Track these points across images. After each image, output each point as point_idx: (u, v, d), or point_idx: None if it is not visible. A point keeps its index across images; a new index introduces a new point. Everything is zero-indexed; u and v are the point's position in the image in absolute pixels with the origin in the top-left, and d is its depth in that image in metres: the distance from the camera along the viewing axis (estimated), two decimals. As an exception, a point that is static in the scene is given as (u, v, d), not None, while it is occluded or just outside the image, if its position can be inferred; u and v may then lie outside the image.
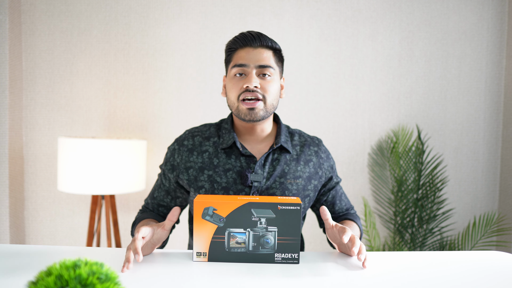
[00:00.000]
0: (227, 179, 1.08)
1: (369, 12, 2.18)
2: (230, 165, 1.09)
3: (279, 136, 1.13)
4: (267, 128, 1.14)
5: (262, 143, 1.14)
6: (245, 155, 1.10)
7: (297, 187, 1.10)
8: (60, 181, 1.81)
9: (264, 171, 1.09)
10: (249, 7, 2.14)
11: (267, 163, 1.10)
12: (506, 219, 2.17)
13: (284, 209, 0.88)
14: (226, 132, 1.13)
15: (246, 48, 1.08)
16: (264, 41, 1.08)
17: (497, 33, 2.21)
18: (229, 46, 1.11)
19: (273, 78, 1.09)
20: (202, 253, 0.89)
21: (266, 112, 1.08)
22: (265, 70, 1.07)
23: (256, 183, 1.07)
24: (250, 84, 1.04)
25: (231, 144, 1.10)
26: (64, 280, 0.49)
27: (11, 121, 2.02)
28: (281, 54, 1.13)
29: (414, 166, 2.14)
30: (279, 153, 1.13)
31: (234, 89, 1.08)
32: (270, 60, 1.08)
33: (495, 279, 0.83)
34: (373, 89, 2.20)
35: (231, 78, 1.09)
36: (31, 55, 2.11)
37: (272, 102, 1.08)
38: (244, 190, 1.07)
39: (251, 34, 1.08)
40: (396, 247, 2.15)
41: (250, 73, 1.06)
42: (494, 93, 2.24)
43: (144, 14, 2.12)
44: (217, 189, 1.08)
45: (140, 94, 2.14)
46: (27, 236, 2.16)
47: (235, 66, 1.08)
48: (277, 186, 1.09)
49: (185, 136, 1.16)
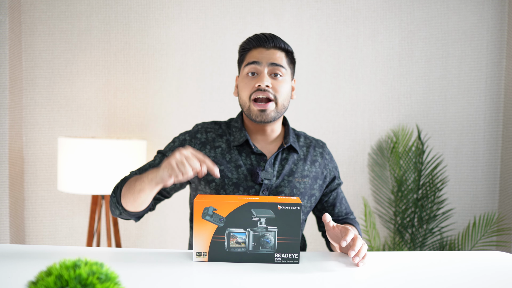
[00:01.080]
0: (238, 175, 1.10)
1: (369, 12, 2.18)
2: (241, 162, 1.11)
3: (288, 136, 1.16)
4: (277, 129, 1.17)
5: (272, 143, 1.16)
6: (256, 153, 1.12)
7: (304, 186, 1.13)
8: (60, 181, 1.81)
9: (274, 169, 1.11)
10: (249, 7, 2.14)
11: (276, 162, 1.12)
12: (506, 219, 2.17)
13: (284, 209, 0.88)
14: (237, 130, 1.15)
15: (259, 49, 1.10)
16: (277, 42, 1.11)
17: (497, 33, 2.21)
18: (243, 47, 1.14)
19: (285, 78, 1.10)
20: (202, 253, 0.89)
21: (277, 113, 1.10)
22: (277, 69, 1.08)
23: (267, 181, 1.09)
24: (262, 83, 1.06)
25: (242, 142, 1.12)
26: (64, 280, 0.49)
27: (11, 121, 2.02)
28: (293, 57, 1.16)
29: (414, 166, 2.14)
30: (288, 153, 1.15)
31: (246, 88, 1.09)
32: (283, 60, 1.10)
33: (495, 279, 0.83)
34: (373, 89, 2.20)
35: (244, 77, 1.11)
36: (31, 55, 2.11)
37: (283, 102, 1.10)
38: (254, 188, 1.09)
39: (264, 36, 1.11)
40: (396, 247, 2.15)
41: (262, 72, 1.08)
42: (494, 93, 2.24)
43: (144, 14, 2.12)
44: (227, 184, 1.09)
45: (140, 94, 2.14)
46: (27, 236, 2.16)
47: (248, 64, 1.10)
48: (286, 185, 1.11)
49: (198, 129, 1.17)
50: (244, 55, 1.13)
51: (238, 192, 1.09)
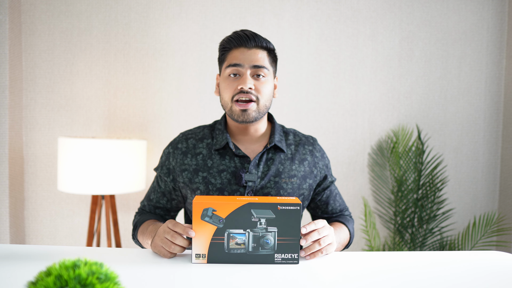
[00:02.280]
0: (221, 180, 1.08)
1: (369, 12, 2.18)
2: (224, 166, 1.09)
3: (273, 136, 1.13)
4: (261, 128, 1.15)
5: (256, 143, 1.14)
6: (239, 155, 1.10)
7: (292, 186, 1.10)
8: (60, 181, 1.81)
9: (258, 170, 1.09)
10: (249, 7, 2.14)
11: (261, 163, 1.10)
12: (506, 219, 2.17)
13: (284, 209, 0.88)
14: (220, 133, 1.13)
15: (240, 48, 1.07)
16: (259, 41, 1.08)
17: (497, 33, 2.21)
18: (223, 46, 1.11)
19: (267, 79, 1.09)
20: (201, 255, 0.88)
21: (259, 113, 1.08)
22: (259, 71, 1.07)
23: (251, 183, 1.07)
24: (245, 85, 1.04)
25: (224, 144, 1.11)
26: (64, 280, 0.49)
27: (11, 121, 2.02)
28: (275, 54, 1.13)
29: (414, 166, 2.14)
30: (274, 152, 1.13)
31: (228, 90, 1.08)
32: (265, 60, 1.08)
33: (495, 279, 0.83)
34: (373, 89, 2.20)
35: (225, 78, 1.09)
36: (31, 55, 2.11)
37: (265, 103, 1.08)
38: (238, 191, 1.08)
39: (245, 35, 1.07)
40: (396, 247, 2.15)
41: (244, 74, 1.06)
42: (494, 93, 2.24)
43: (144, 14, 2.12)
44: (212, 190, 1.08)
45: (140, 94, 2.14)
46: (27, 236, 2.16)
47: (230, 66, 1.07)
48: (272, 186, 1.09)
49: (179, 139, 1.16)
50: (225, 55, 1.10)
51: None
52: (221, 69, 1.13)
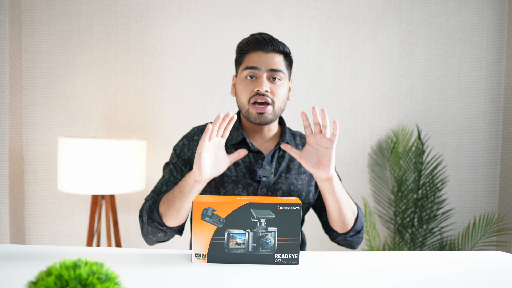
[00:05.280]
0: (236, 173, 1.12)
1: (369, 12, 2.18)
2: (239, 160, 1.13)
3: (284, 135, 1.18)
4: (274, 129, 1.19)
5: (269, 142, 1.19)
6: (254, 151, 1.14)
7: (302, 183, 1.15)
8: (60, 181, 1.81)
9: (271, 167, 1.13)
10: (249, 7, 2.14)
11: (274, 159, 1.15)
12: (506, 219, 2.17)
13: (284, 210, 0.88)
14: (234, 129, 1.17)
15: (258, 52, 1.11)
16: (276, 45, 1.11)
17: (497, 33, 2.21)
18: (241, 48, 1.14)
19: (283, 82, 1.12)
20: (201, 255, 0.89)
21: (275, 115, 1.12)
22: (275, 74, 1.10)
23: (265, 178, 1.11)
24: (261, 88, 1.08)
25: (239, 140, 1.15)
26: (64, 280, 0.49)
27: (11, 121, 2.02)
28: (291, 58, 1.16)
29: (414, 166, 2.14)
30: (284, 151, 1.17)
31: (245, 92, 1.11)
32: (281, 64, 1.11)
33: (495, 279, 0.83)
34: (373, 89, 2.20)
35: (242, 80, 1.12)
36: (31, 55, 2.11)
37: (280, 105, 1.12)
38: (252, 185, 1.11)
39: (263, 38, 1.11)
40: (396, 247, 2.15)
41: (261, 77, 1.09)
42: (494, 93, 2.24)
43: (144, 14, 2.12)
44: (226, 182, 1.11)
45: (140, 94, 2.14)
46: (27, 236, 2.16)
47: (247, 68, 1.11)
48: (283, 181, 1.13)
49: (194, 132, 1.20)
50: (242, 57, 1.14)
51: (237, 189, 1.11)
52: (237, 71, 1.16)
